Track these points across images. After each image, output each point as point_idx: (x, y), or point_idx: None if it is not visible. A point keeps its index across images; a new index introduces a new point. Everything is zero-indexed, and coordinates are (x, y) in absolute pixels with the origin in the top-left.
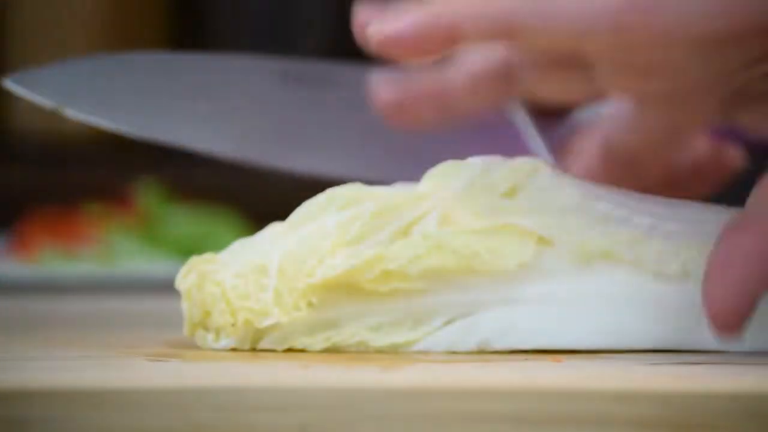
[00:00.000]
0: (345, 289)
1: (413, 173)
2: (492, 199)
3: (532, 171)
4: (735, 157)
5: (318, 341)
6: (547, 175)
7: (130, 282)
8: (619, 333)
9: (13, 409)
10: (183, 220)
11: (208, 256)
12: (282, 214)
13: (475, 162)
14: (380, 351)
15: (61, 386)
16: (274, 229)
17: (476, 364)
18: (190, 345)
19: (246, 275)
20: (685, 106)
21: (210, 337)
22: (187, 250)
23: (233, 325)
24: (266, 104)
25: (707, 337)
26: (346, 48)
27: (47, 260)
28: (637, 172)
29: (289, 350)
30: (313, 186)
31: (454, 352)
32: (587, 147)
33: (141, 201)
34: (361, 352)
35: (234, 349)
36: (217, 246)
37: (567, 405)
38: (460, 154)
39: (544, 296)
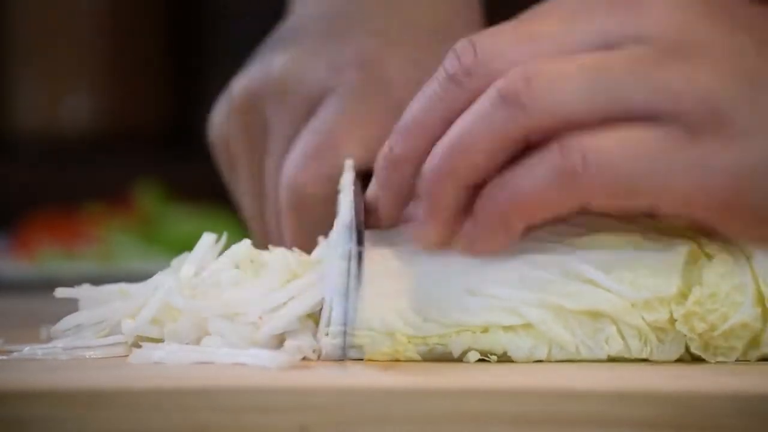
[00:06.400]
0: None
1: None
2: None
3: None
4: None
5: None
6: None
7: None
8: None
9: (13, 409)
10: (182, 220)
11: None
12: None
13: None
14: None
15: (61, 386)
16: None
17: (476, 365)
18: None
19: None
20: None
21: None
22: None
23: None
24: None
25: None
26: None
27: (47, 260)
28: None
29: None
30: None
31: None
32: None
33: (140, 201)
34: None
35: None
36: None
37: (567, 405)
38: None
39: None
